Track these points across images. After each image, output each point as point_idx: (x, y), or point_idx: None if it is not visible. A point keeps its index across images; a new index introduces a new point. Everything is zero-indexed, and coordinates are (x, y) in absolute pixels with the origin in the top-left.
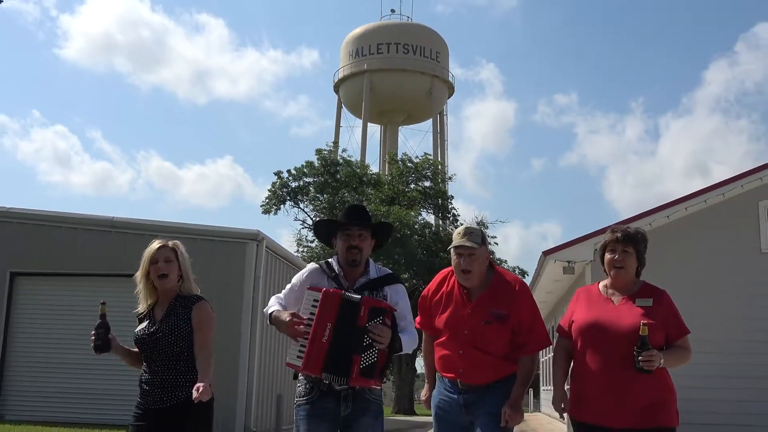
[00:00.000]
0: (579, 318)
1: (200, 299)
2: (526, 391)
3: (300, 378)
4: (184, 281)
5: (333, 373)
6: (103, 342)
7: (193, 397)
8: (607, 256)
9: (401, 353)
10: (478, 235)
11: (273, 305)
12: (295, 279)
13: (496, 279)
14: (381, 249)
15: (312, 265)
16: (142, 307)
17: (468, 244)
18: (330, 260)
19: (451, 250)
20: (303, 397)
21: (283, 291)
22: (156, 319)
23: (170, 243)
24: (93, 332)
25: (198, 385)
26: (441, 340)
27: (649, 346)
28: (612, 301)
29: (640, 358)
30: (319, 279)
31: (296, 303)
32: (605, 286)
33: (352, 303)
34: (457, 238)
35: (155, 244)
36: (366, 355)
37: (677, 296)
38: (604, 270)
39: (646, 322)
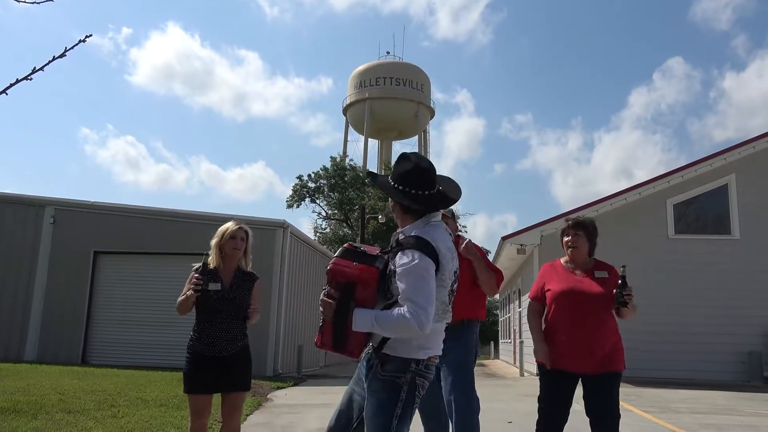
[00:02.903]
0: (554, 287)
1: (259, 277)
2: (480, 262)
3: None
4: (246, 257)
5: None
6: (204, 288)
7: (252, 320)
8: (564, 239)
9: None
10: (449, 211)
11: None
12: None
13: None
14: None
15: None
16: (211, 265)
17: (443, 211)
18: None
19: None
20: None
21: None
22: (225, 284)
23: (244, 226)
24: (201, 278)
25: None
26: None
27: (628, 283)
28: (575, 273)
29: (624, 292)
30: None
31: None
32: (566, 262)
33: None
34: None
35: (234, 225)
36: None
37: None
38: (564, 250)
39: (624, 265)
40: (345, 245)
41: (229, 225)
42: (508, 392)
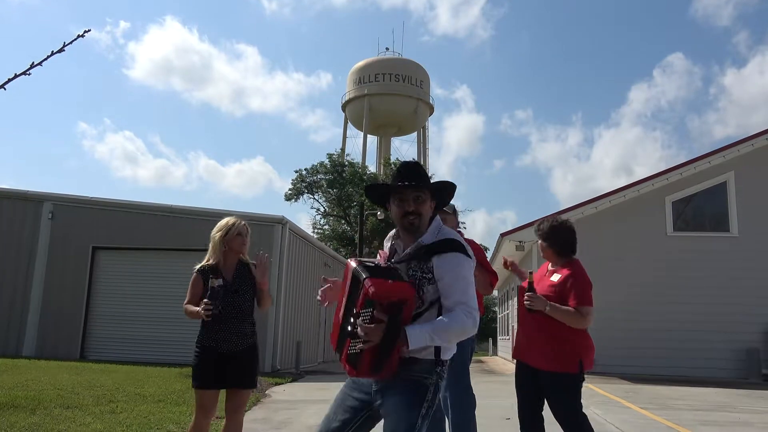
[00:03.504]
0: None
1: (253, 262)
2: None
3: None
4: (245, 251)
5: (337, 351)
6: (215, 312)
7: (263, 305)
8: None
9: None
10: (450, 207)
11: None
12: None
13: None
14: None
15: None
16: (206, 262)
17: (445, 209)
18: None
19: None
20: None
21: None
22: (228, 279)
23: (245, 222)
24: (211, 303)
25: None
26: None
27: (533, 290)
28: (548, 272)
29: (524, 299)
30: (388, 243)
31: None
32: None
33: (357, 281)
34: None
35: (240, 222)
36: (354, 342)
37: (601, 270)
38: None
39: (531, 271)
40: (352, 261)
41: (233, 220)
42: (506, 389)
